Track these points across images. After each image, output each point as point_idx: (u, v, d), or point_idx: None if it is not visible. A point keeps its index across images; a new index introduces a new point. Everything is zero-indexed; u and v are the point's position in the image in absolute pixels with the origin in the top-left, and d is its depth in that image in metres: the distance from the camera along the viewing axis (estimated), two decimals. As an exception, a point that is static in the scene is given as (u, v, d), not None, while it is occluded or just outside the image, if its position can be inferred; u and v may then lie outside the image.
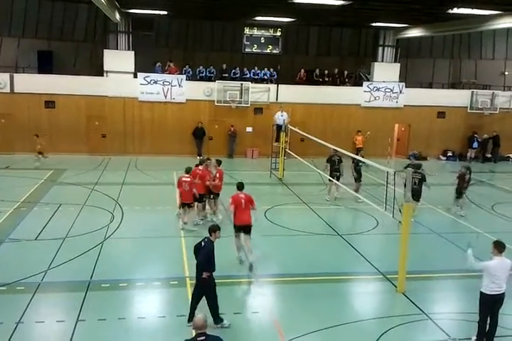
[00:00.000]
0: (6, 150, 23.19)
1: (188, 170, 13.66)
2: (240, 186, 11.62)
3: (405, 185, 10.21)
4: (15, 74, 23.68)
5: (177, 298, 9.45)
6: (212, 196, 14.20)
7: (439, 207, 16.78)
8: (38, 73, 24.38)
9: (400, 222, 10.08)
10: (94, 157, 23.52)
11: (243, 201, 11.14)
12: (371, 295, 10.34)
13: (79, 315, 8.69)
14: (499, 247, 7.99)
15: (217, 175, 14.18)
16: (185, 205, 13.51)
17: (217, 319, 8.47)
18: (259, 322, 8.84)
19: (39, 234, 12.74)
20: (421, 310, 9.34)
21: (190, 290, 9.55)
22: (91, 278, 10.25)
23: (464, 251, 12.27)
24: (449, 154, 26.99)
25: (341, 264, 11.67)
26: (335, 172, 16.68)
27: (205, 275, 8.22)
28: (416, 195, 14.51)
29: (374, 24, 24.72)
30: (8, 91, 23.40)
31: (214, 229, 8.67)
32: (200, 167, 14.18)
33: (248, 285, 10.35)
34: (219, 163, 14.52)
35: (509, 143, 26.99)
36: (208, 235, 8.66)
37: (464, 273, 11.20)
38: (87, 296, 9.42)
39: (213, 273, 8.43)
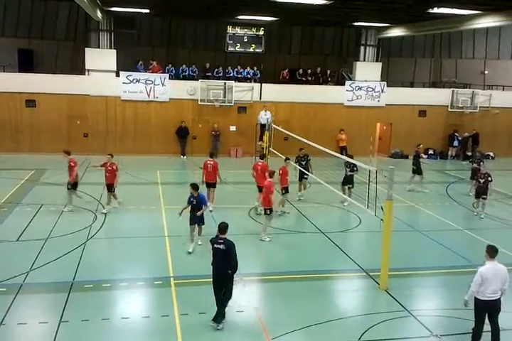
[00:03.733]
0: (-15, 150, 22.85)
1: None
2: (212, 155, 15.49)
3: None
4: (-6, 73, 23.38)
5: (161, 298, 9.43)
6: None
7: (420, 205, 17.00)
8: (19, 72, 24.04)
9: (381, 219, 10.19)
10: (75, 156, 23.17)
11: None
12: (354, 292, 10.44)
13: (62, 316, 8.62)
14: (491, 252, 7.87)
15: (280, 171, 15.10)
16: None
17: (222, 316, 8.47)
18: (243, 320, 8.87)
19: (21, 234, 12.60)
20: (403, 307, 9.46)
21: (174, 290, 9.56)
22: (74, 278, 10.18)
23: (446, 248, 12.52)
24: (430, 152, 27.31)
25: (324, 262, 11.77)
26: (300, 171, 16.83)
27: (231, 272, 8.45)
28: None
29: (356, 23, 24.90)
30: (-12, 90, 23.07)
31: (226, 228, 8.63)
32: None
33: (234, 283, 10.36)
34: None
35: (488, 142, 27.44)
36: (219, 234, 8.57)
37: (446, 270, 11.45)
38: (70, 297, 9.35)
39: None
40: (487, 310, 7.84)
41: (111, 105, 24.17)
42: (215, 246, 8.50)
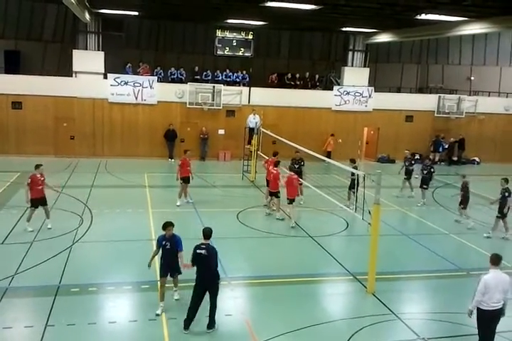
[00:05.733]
0: (-30, 152, 22.54)
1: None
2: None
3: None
4: (-20, 74, 23.11)
5: (148, 302, 9.35)
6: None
7: (405, 209, 17.13)
8: (5, 73, 23.78)
9: (369, 223, 10.25)
10: (62, 159, 23.07)
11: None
12: (341, 296, 10.47)
13: (48, 320, 8.52)
14: (495, 260, 7.81)
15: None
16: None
17: (214, 322, 8.51)
18: (231, 324, 8.84)
19: (6, 237, 12.44)
20: (390, 310, 9.51)
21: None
22: (60, 282, 10.06)
23: (432, 252, 12.61)
24: (416, 157, 27.48)
25: (312, 266, 11.77)
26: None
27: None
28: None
29: (344, 29, 25.10)
30: (-27, 91, 22.80)
31: (210, 233, 8.59)
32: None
33: (221, 288, 10.31)
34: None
35: (474, 147, 27.78)
36: (204, 239, 8.50)
37: (433, 274, 11.55)
38: (56, 301, 9.24)
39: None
40: (492, 320, 7.71)
41: (98, 107, 24.02)
42: (198, 251, 8.41)
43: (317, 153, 15.19)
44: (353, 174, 15.39)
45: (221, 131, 25.43)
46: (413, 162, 19.30)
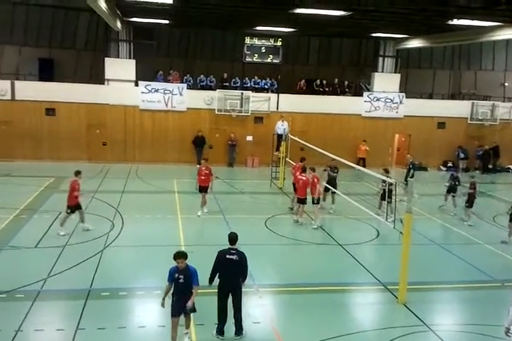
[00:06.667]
0: (6, 158, 23.15)
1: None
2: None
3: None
4: (16, 82, 23.81)
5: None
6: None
7: (437, 217, 16.78)
8: (39, 81, 24.46)
9: (401, 232, 10.06)
10: (94, 165, 23.51)
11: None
12: (371, 305, 10.29)
13: (78, 323, 8.63)
14: None
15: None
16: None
17: (242, 328, 8.49)
18: (259, 331, 8.78)
19: (39, 241, 12.70)
20: (422, 321, 9.29)
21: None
22: (91, 286, 10.20)
23: (466, 262, 12.29)
24: (449, 165, 27.01)
25: (341, 274, 11.63)
26: (328, 182, 16.69)
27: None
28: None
29: (374, 34, 24.89)
30: (9, 98, 23.49)
31: (236, 238, 8.58)
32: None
33: (249, 295, 10.27)
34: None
35: (509, 154, 27.06)
36: (230, 244, 8.49)
37: (465, 285, 11.24)
38: (86, 305, 9.37)
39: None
40: None
41: (129, 114, 24.44)
42: (228, 257, 8.38)
43: (347, 160, 15.06)
44: (383, 183, 15.14)
45: (249, 138, 25.51)
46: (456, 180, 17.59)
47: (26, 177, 20.20)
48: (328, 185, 16.45)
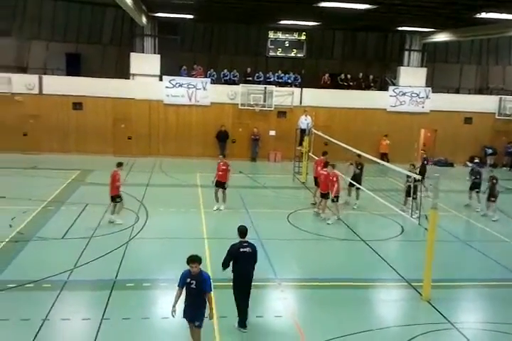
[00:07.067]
0: (34, 150, 23.66)
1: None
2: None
3: None
4: (44, 76, 24.24)
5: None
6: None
7: (463, 214, 16.53)
8: (66, 75, 24.85)
9: (425, 228, 9.95)
10: (119, 158, 23.65)
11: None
12: (395, 302, 10.21)
13: (104, 313, 8.80)
14: None
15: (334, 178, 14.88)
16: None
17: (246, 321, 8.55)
18: (281, 325, 8.82)
19: (66, 233, 12.97)
20: (446, 318, 9.19)
21: (213, 292, 9.51)
22: (116, 277, 10.39)
23: (491, 259, 12.08)
24: (475, 160, 26.43)
25: (364, 270, 11.56)
26: (353, 178, 16.54)
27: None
28: None
29: (400, 28, 24.52)
30: (37, 92, 23.93)
31: (246, 231, 8.68)
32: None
33: (271, 289, 10.32)
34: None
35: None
36: (241, 237, 8.56)
37: (491, 283, 11.06)
38: (112, 295, 9.54)
39: None
40: None
41: (154, 109, 24.66)
42: (241, 250, 8.39)
43: (370, 155, 14.94)
44: (408, 180, 14.99)
45: (272, 132, 25.48)
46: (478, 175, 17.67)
47: (53, 169, 20.60)
48: (352, 181, 16.34)
